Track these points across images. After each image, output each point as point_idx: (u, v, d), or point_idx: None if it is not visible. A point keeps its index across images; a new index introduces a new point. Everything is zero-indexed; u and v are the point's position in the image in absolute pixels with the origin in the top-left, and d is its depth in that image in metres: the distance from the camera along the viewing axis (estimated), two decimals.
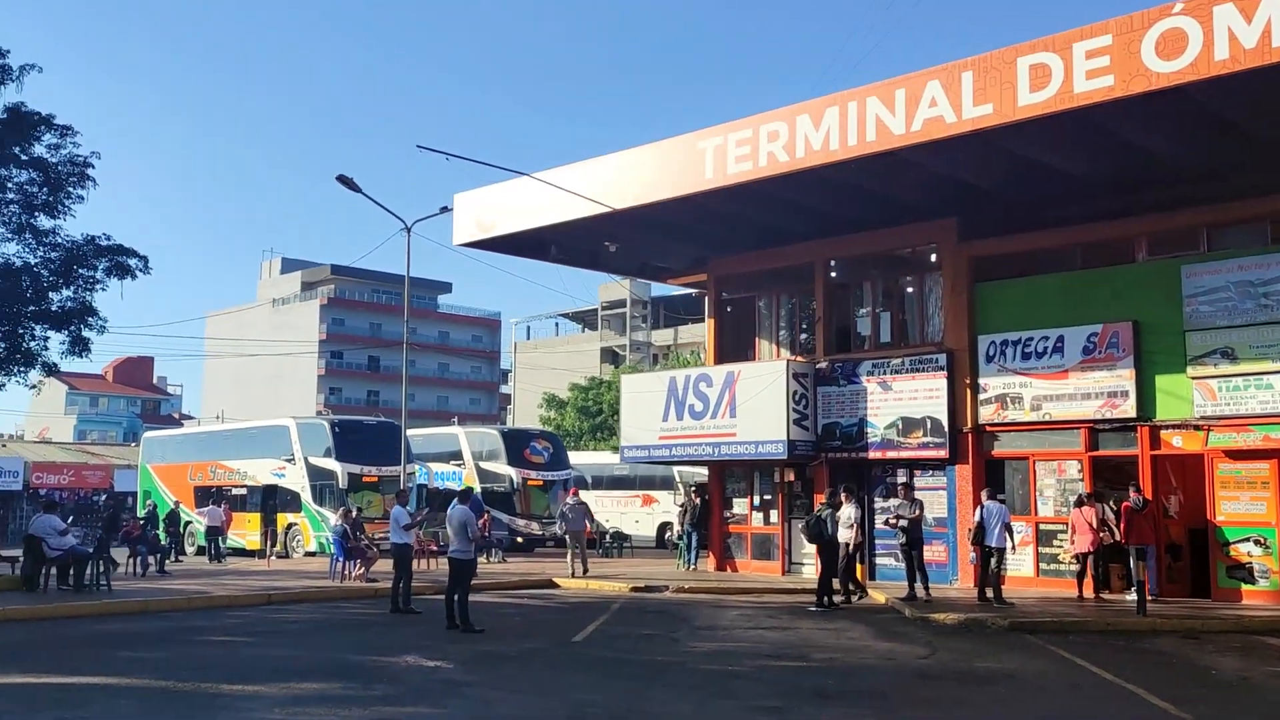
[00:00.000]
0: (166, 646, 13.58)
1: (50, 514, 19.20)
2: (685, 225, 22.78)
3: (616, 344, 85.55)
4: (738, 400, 22.58)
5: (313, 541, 33.01)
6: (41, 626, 15.61)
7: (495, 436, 38.28)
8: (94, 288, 19.85)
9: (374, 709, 9.72)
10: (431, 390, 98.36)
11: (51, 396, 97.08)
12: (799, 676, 11.80)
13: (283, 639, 14.50)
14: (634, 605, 18.60)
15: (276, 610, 17.85)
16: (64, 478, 55.62)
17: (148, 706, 9.76)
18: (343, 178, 25.76)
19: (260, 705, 9.77)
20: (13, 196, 19.25)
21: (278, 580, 22.00)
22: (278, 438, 35.50)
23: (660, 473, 40.25)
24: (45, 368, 20.17)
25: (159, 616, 16.79)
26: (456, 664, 12.18)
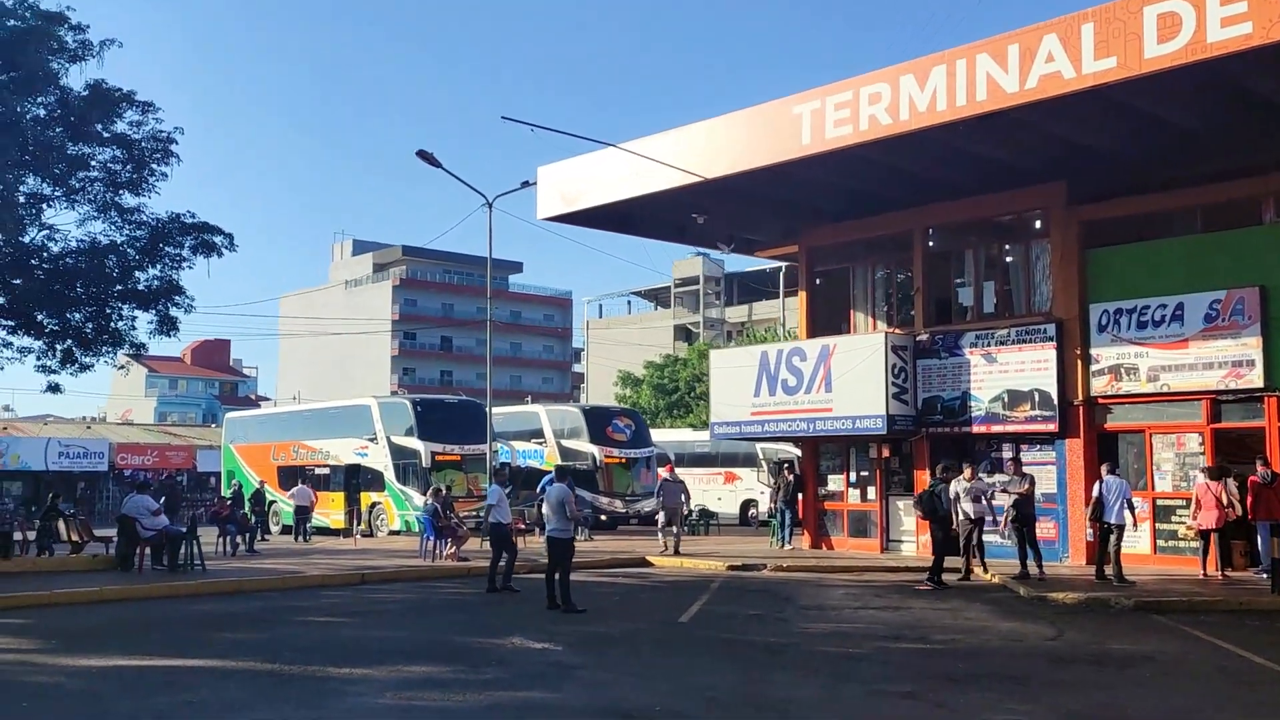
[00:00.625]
0: (267, 627, 13.33)
1: (143, 494, 19.13)
2: (776, 195, 22.11)
3: (690, 321, 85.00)
4: (833, 374, 21.89)
5: (397, 520, 32.97)
6: (139, 607, 15.47)
7: (577, 414, 37.91)
8: (180, 266, 19.67)
9: (487, 693, 9.31)
10: (504, 370, 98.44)
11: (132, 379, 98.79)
12: (924, 659, 11.21)
13: (383, 620, 14.19)
14: (733, 584, 18.07)
15: (371, 590, 17.60)
16: (148, 459, 56.37)
17: (257, 690, 9.43)
18: (423, 153, 25.43)
19: (370, 689, 9.42)
20: (96, 174, 19.07)
21: (368, 560, 21.80)
22: (359, 417, 35.49)
23: (743, 449, 39.67)
24: (133, 347, 20.04)
25: (254, 597, 16.60)
26: (564, 646, 11.75)
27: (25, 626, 13.32)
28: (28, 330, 19.14)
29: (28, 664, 10.75)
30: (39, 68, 17.42)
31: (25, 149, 17.30)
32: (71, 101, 18.24)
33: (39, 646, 11.78)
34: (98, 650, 11.32)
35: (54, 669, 10.43)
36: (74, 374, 19.97)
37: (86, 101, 18.22)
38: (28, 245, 18.56)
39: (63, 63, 18.00)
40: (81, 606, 15.34)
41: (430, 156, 25.34)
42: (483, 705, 8.90)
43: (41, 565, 19.08)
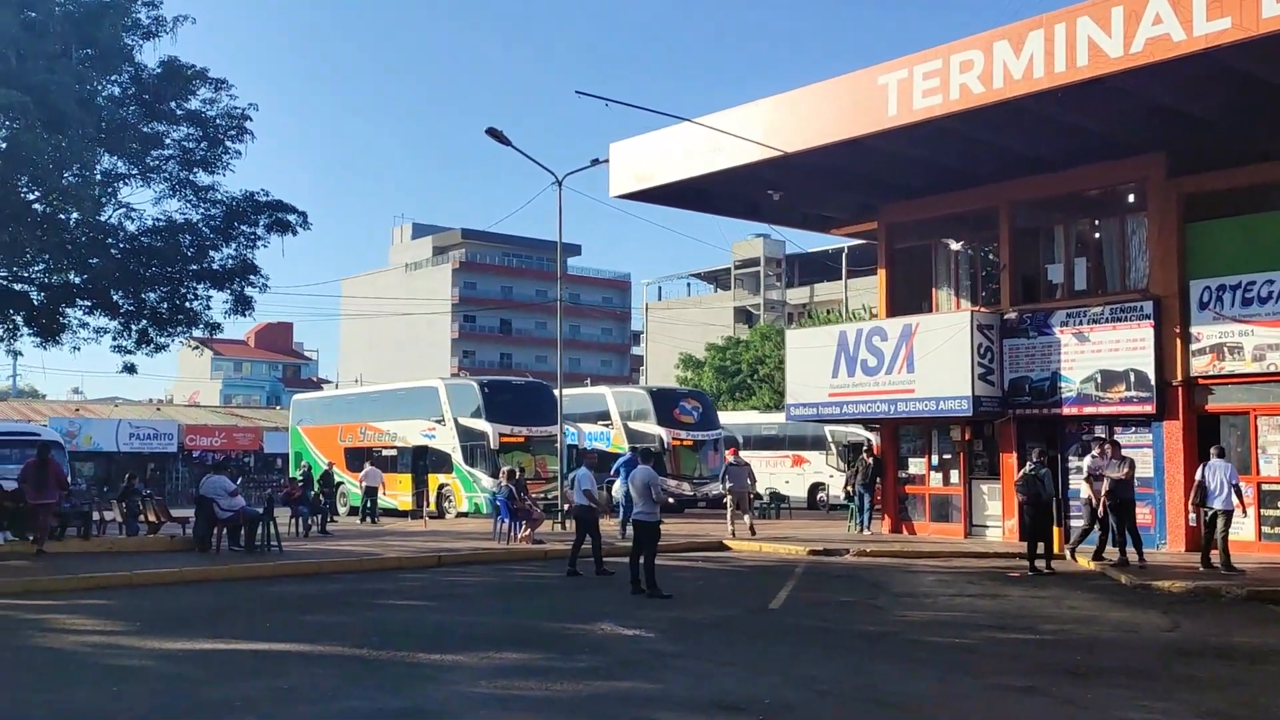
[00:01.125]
0: (350, 610, 13.08)
1: (220, 475, 19.01)
2: (855, 170, 21.49)
3: (750, 303, 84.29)
4: (915, 354, 21.26)
5: (465, 502, 32.82)
6: (219, 588, 15.32)
7: (643, 396, 37.55)
8: (255, 245, 19.46)
9: (585, 682, 8.94)
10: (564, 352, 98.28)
11: (198, 362, 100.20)
12: (1037, 651, 10.67)
13: (465, 603, 13.90)
14: (817, 570, 17.59)
15: (448, 573, 17.33)
16: (215, 440, 56.85)
17: (348, 677, 9.13)
18: (492, 130, 25.10)
19: (464, 677, 9.09)
20: (170, 153, 18.90)
21: (442, 542, 21.58)
22: (427, 399, 35.38)
23: (811, 432, 39.13)
24: (208, 327, 19.90)
25: (333, 579, 16.39)
26: (656, 633, 11.36)
27: (109, 608, 13.18)
28: (104, 310, 19.07)
29: (115, 646, 10.56)
30: (114, 44, 17.25)
31: (100, 127, 17.15)
32: (145, 79, 18.08)
33: (124, 628, 11.60)
34: (183, 633, 11.11)
35: (141, 652, 10.22)
36: (149, 354, 19.95)
37: (160, 78, 18.04)
38: (104, 224, 18.47)
39: (136, 39, 17.83)
40: (162, 587, 15.23)
41: (500, 134, 25.00)
42: (583, 695, 8.53)
43: (120, 545, 19.06)
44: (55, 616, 12.39)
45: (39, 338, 19.40)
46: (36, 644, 10.67)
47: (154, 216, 19.19)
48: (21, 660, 9.89)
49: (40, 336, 19.37)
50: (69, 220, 18.55)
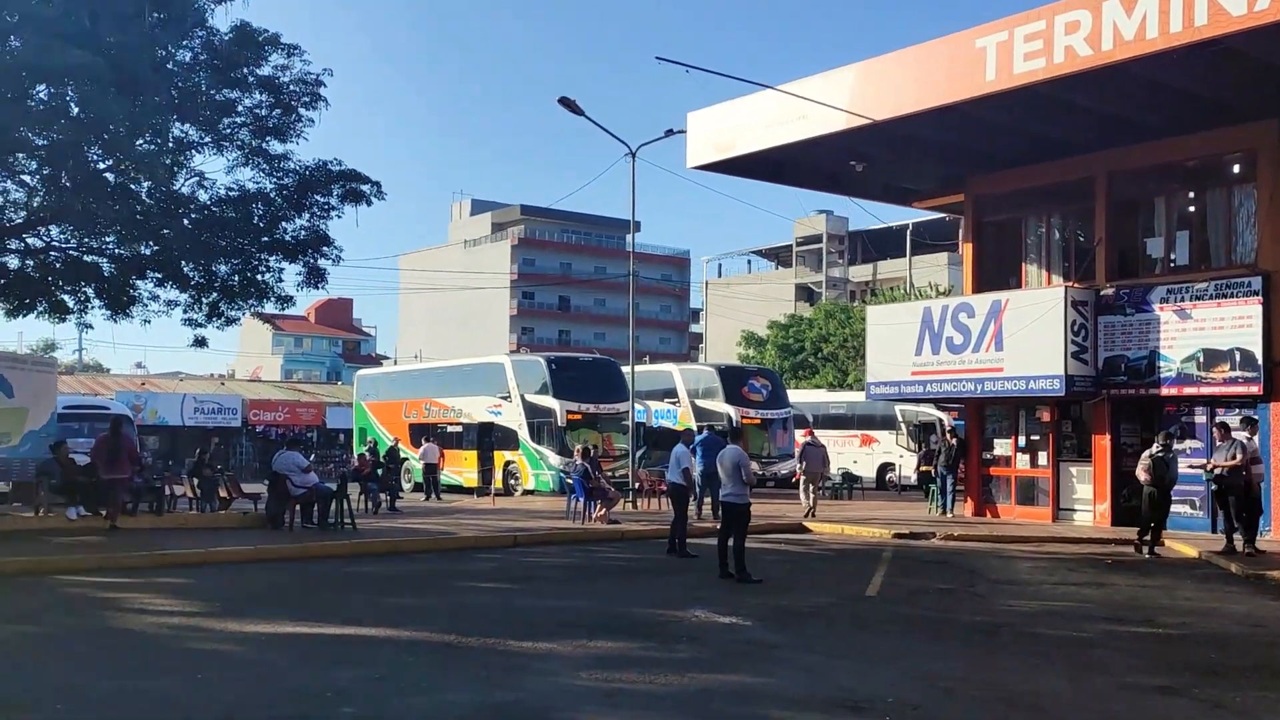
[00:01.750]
0: (432, 593, 12.64)
1: (293, 451, 18.67)
2: (944, 139, 20.69)
3: (812, 280, 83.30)
4: (1004, 331, 20.45)
5: (531, 480, 32.50)
6: (294, 567, 14.95)
7: (712, 373, 36.99)
8: (329, 215, 19.02)
9: (690, 675, 8.39)
10: (621, 329, 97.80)
11: (259, 337, 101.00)
12: (1163, 647, 9.98)
13: (549, 587, 13.39)
14: (906, 554, 16.92)
15: (526, 553, 16.87)
16: (278, 415, 57.07)
17: (441, 666, 8.66)
18: (565, 100, 24.52)
19: (562, 667, 8.59)
20: (242, 120, 18.48)
21: (514, 521, 21.17)
22: (493, 375, 35.06)
23: (881, 411, 38.47)
24: (280, 301, 19.52)
25: (409, 558, 15.99)
26: (754, 621, 10.79)
27: (187, 587, 12.85)
28: (175, 282, 18.76)
29: (197, 629, 10.18)
30: (186, 7, 16.86)
31: (173, 93, 16.76)
32: (217, 44, 17.66)
33: (203, 609, 11.24)
34: (265, 615, 10.72)
35: (224, 635, 9.83)
36: (219, 328, 19.61)
37: (233, 43, 17.60)
38: (176, 194, 18.12)
39: (209, 2, 17.42)
40: (237, 565, 14.91)
41: (572, 103, 24.42)
42: (691, 690, 7.99)
43: (192, 521, 18.82)
44: (132, 595, 12.07)
45: (109, 310, 19.16)
46: (115, 625, 10.33)
47: (226, 186, 18.83)
48: (101, 643, 9.53)
49: (110, 309, 19.13)
50: (140, 190, 18.27)
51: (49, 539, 16.31)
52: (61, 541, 16.09)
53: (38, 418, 19.62)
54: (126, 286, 18.84)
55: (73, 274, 18.45)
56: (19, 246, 18.71)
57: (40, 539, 16.27)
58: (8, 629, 10.17)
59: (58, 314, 19.70)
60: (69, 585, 12.92)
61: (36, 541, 15.96)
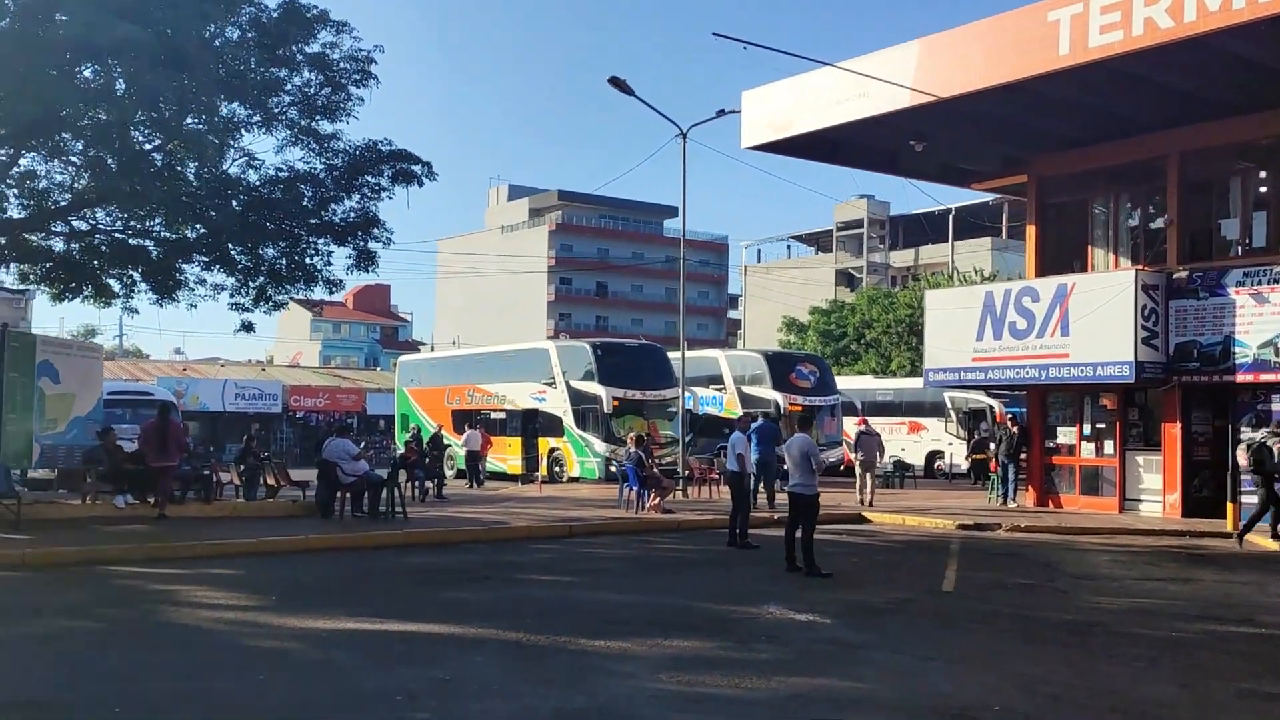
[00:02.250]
0: (492, 586, 12.20)
1: (343, 438, 18.28)
2: (1009, 118, 20.02)
3: (852, 266, 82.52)
4: (1071, 316, 19.78)
5: (576, 467, 32.10)
6: (347, 558, 14.60)
7: (759, 360, 36.39)
8: (379, 196, 18.54)
9: (775, 679, 7.90)
10: (659, 315, 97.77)
11: (297, 323, 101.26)
12: (1275, 650, 9.42)
13: (612, 580, 12.93)
14: (975, 546, 16.34)
15: (582, 544, 16.41)
16: (319, 401, 57.00)
17: (511, 666, 8.22)
18: (615, 80, 24.00)
19: (639, 669, 8.13)
20: (290, 99, 18.02)
21: (564, 510, 20.74)
22: (537, 361, 34.66)
23: (930, 399, 37.85)
24: (328, 285, 19.10)
25: (463, 549, 15.56)
26: (831, 618, 10.29)
27: (239, 579, 12.51)
28: (222, 266, 18.39)
29: (251, 624, 9.80)
30: None
31: (221, 70, 16.33)
32: (265, 21, 17.23)
33: (258, 602, 10.87)
34: (322, 609, 10.32)
35: (282, 631, 9.44)
36: (267, 312, 19.26)
37: (281, 20, 17.15)
38: (224, 175, 17.72)
39: None
40: (288, 556, 14.56)
41: (622, 83, 23.90)
42: (781, 695, 7.50)
43: (240, 510, 18.51)
44: (183, 588, 11.72)
45: (155, 294, 18.84)
46: (168, 619, 9.95)
47: (275, 167, 18.39)
48: (156, 640, 9.16)
49: (157, 293, 18.80)
50: (187, 171, 17.92)
51: (97, 527, 16.03)
52: (110, 530, 15.80)
53: (84, 404, 19.34)
54: (173, 270, 18.50)
55: (119, 257, 18.11)
56: (64, 230, 18.42)
57: (89, 527, 15.99)
58: (61, 623, 9.83)
59: (103, 298, 19.40)
60: (120, 576, 12.60)
61: (85, 530, 15.68)
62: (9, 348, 17.46)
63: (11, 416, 17.57)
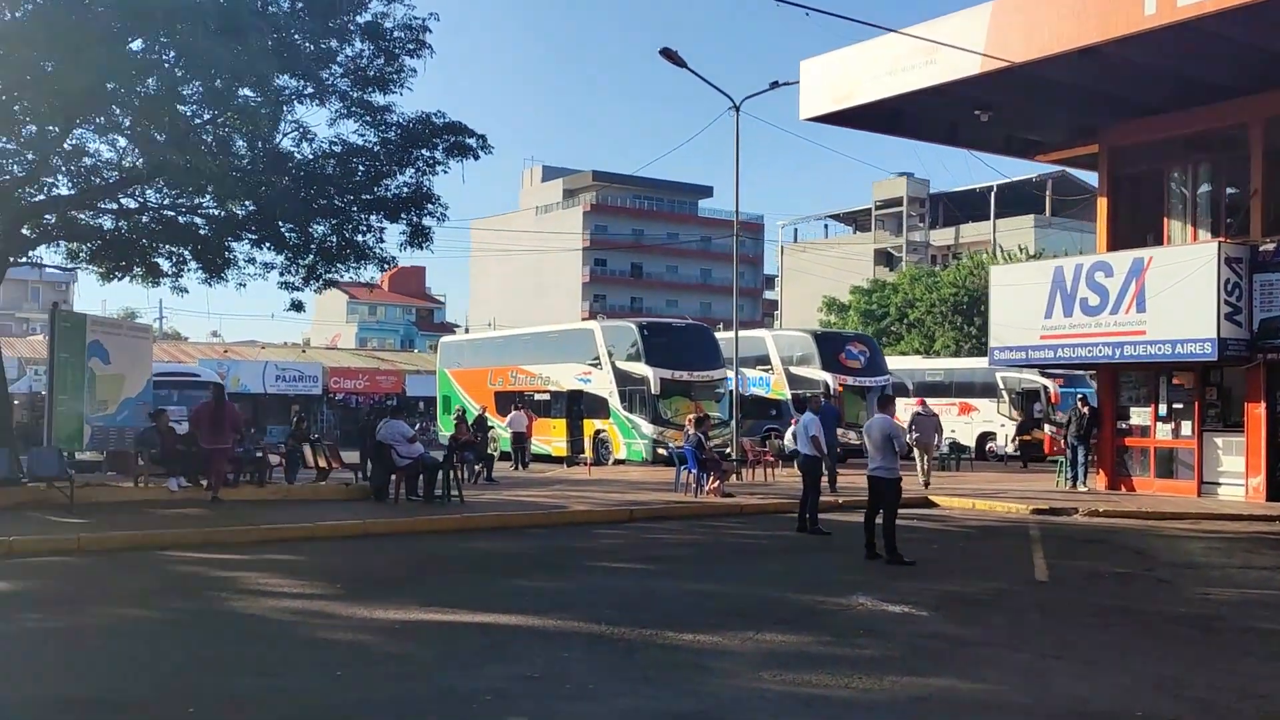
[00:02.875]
0: (563, 574, 11.66)
1: (397, 420, 17.79)
2: (1082, 84, 19.22)
3: (891, 245, 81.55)
4: (1147, 292, 19.00)
5: (623, 449, 31.59)
6: (406, 543, 14.11)
7: (807, 339, 35.70)
8: (434, 170, 17.95)
9: (889, 679, 7.31)
10: (694, 296, 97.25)
11: (333, 305, 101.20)
12: None
13: (686, 567, 12.35)
14: (1054, 532, 15.67)
15: (646, 529, 15.84)
16: (358, 383, 56.67)
17: (601, 662, 7.70)
18: (667, 51, 23.37)
19: (737, 666, 7.60)
20: (342, 70, 17.42)
21: (621, 493, 20.20)
22: (582, 341, 34.14)
23: (980, 379, 37.12)
24: (380, 262, 18.53)
25: (523, 534, 15.05)
26: (928, 610, 9.69)
27: (298, 564, 12.05)
28: (272, 244, 17.92)
29: (319, 614, 9.31)
30: None
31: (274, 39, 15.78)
32: None
33: (325, 591, 10.39)
34: (392, 598, 9.82)
35: (353, 622, 8.94)
36: (317, 291, 18.77)
37: None
38: (276, 149, 17.20)
39: None
40: (347, 540, 14.11)
41: (674, 55, 23.26)
42: (899, 697, 6.92)
43: (294, 493, 18.07)
44: (244, 574, 11.26)
45: (205, 273, 18.41)
46: (234, 609, 9.49)
47: (327, 139, 17.82)
48: (222, 631, 8.69)
49: (206, 271, 18.38)
50: (238, 145, 17.44)
51: (151, 511, 15.65)
52: (164, 514, 15.42)
53: (134, 385, 18.99)
54: (222, 248, 18.05)
55: (169, 235, 17.68)
56: (113, 207, 18.00)
57: (142, 511, 15.61)
58: (120, 614, 9.39)
59: (152, 277, 19.01)
60: (177, 562, 12.18)
61: (139, 513, 15.30)
62: (59, 327, 17.13)
63: (62, 398, 17.27)
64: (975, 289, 54.42)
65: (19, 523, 13.91)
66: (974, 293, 54.20)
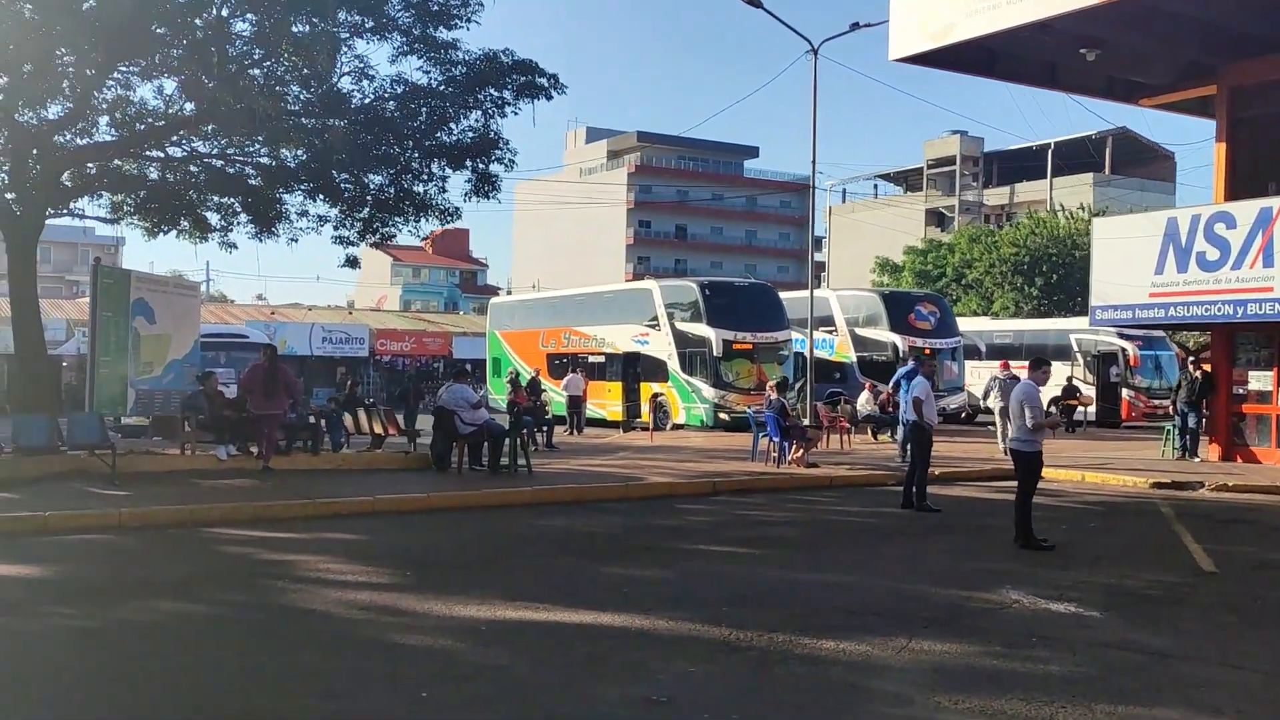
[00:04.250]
0: (655, 559, 10.28)
1: (461, 384, 16.44)
2: (1203, 18, 17.53)
3: (943, 205, 79.71)
4: (1276, 245, 17.31)
5: (682, 414, 30.25)
6: (476, 519, 12.79)
7: (874, 299, 34.10)
8: (503, 111, 16.47)
9: (1099, 708, 5.93)
10: (738, 258, 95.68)
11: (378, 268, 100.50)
12: None
13: (794, 552, 10.93)
14: (1190, 510, 14.13)
15: (734, 504, 14.42)
16: (405, 345, 55.80)
17: (738, 680, 6.39)
18: None
19: (903, 685, 6.28)
20: (401, 3, 15.91)
21: (693, 462, 18.87)
22: (639, 301, 32.75)
23: (1053, 341, 35.47)
24: (442, 214, 17.07)
25: (602, 509, 13.69)
26: (1097, 610, 8.28)
27: (362, 546, 10.78)
28: (326, 195, 16.55)
29: (393, 611, 8.00)
30: None
31: None
32: None
33: (394, 580, 9.10)
34: (470, 590, 8.54)
35: (430, 622, 7.66)
36: (373, 245, 17.41)
37: None
38: (333, 90, 15.77)
39: None
40: (410, 516, 12.84)
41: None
42: None
43: (349, 462, 16.76)
44: (301, 558, 10.01)
45: (255, 226, 17.12)
46: (292, 603, 8.22)
47: (388, 78, 16.35)
48: (277, 632, 7.41)
49: (256, 225, 17.09)
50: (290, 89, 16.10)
51: (197, 481, 14.44)
52: (211, 485, 14.20)
53: (181, 346, 17.75)
54: (274, 200, 16.73)
55: (217, 185, 16.37)
56: (159, 156, 16.70)
57: (189, 482, 14.39)
58: (161, 608, 8.14)
59: (200, 232, 17.76)
60: (226, 542, 10.98)
61: (185, 485, 14.10)
62: (101, 283, 15.91)
63: (105, 359, 16.08)
64: (1037, 249, 52.49)
65: (58, 495, 12.78)
66: (1035, 252, 52.30)
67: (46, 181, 15.08)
